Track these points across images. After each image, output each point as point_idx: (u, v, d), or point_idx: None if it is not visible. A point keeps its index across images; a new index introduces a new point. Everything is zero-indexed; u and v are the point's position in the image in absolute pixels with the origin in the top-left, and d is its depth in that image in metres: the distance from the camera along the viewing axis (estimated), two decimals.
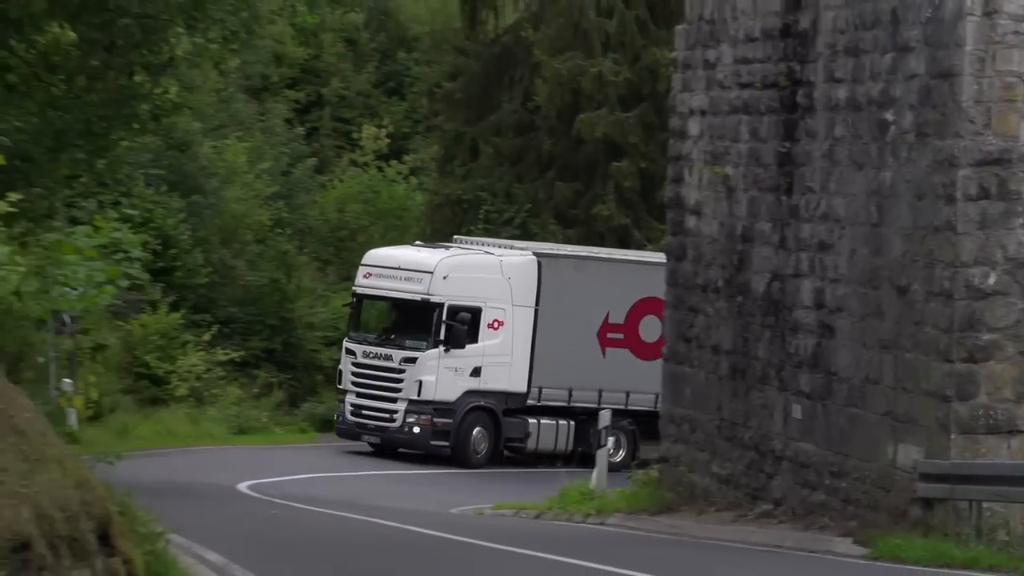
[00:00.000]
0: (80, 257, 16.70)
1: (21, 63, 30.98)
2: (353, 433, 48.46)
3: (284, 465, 44.50)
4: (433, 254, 48.69)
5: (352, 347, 48.14)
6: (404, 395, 46.59)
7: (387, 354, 47.26)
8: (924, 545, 22.89)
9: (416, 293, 46.79)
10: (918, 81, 24.50)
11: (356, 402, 47.55)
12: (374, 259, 49.13)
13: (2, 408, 13.58)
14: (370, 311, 50.16)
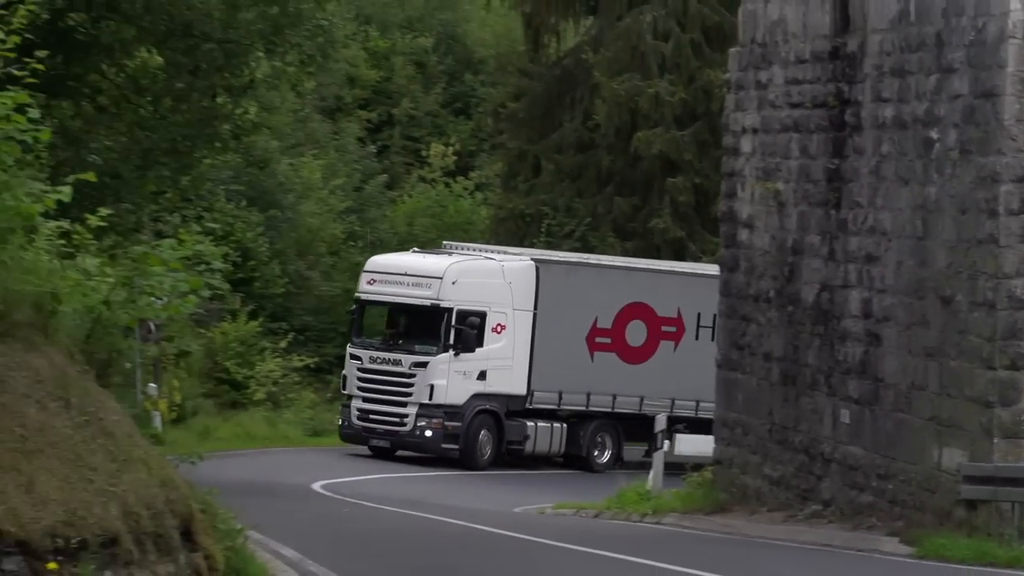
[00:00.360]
0: (165, 268, 16.74)
1: (111, 86, 31.21)
2: (360, 437, 46.96)
3: (355, 466, 44.40)
4: (440, 260, 47.59)
5: (357, 352, 46.60)
6: (415, 399, 45.12)
7: (396, 359, 45.77)
8: (968, 545, 22.79)
9: (425, 298, 45.44)
10: (962, 101, 24.41)
11: (363, 407, 46.02)
12: (378, 265, 47.60)
13: (92, 411, 13.64)
14: (373, 317, 48.60)
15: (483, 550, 23.32)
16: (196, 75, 31.62)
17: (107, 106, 31.44)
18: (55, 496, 12.28)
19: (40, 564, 11.95)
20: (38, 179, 14.79)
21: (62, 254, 15.53)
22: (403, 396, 45.20)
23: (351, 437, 47.25)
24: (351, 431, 46.72)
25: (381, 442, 46.26)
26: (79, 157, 26.04)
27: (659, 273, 49.60)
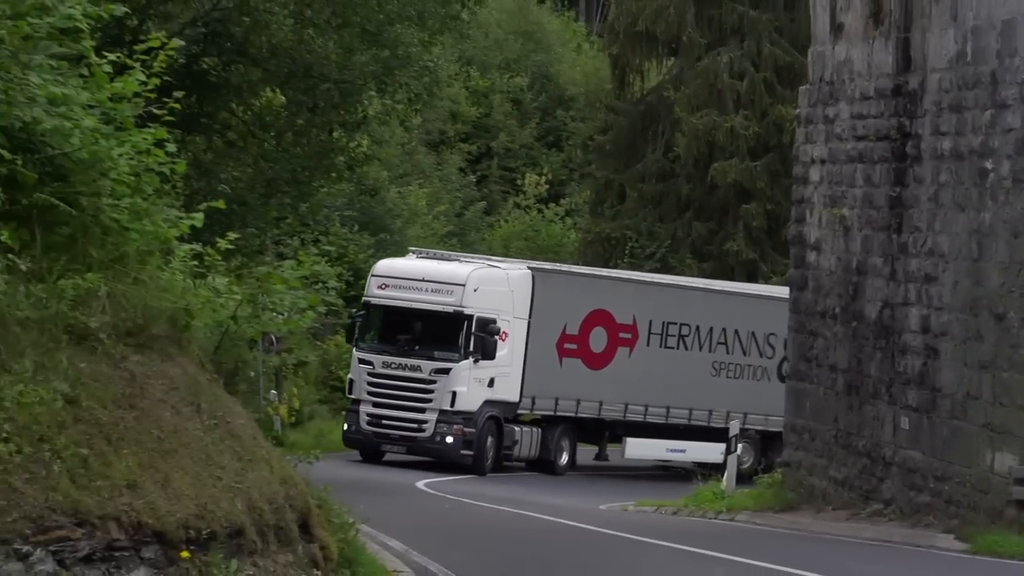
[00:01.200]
0: (286, 287, 16.85)
1: (239, 123, 31.48)
2: (370, 443, 42.88)
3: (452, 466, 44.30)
4: (459, 266, 43.81)
5: (368, 357, 42.25)
6: (435, 405, 41.42)
7: (415, 364, 41.71)
8: (1019, 542, 22.68)
9: (447, 305, 41.64)
10: (1014, 134, 24.30)
11: (374, 412, 41.79)
12: (389, 271, 43.29)
13: (220, 415, 13.73)
14: (381, 322, 43.22)
15: (573, 544, 23.33)
16: (315, 112, 31.84)
17: (235, 141, 31.70)
18: (187, 492, 12.35)
19: (174, 553, 12.02)
20: (174, 207, 14.91)
21: (195, 274, 15.64)
22: (422, 402, 41.70)
23: (357, 442, 43.54)
24: (358, 436, 42.98)
25: (396, 448, 42.62)
26: (210, 187, 26.27)
27: (617, 281, 48.00)
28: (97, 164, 13.18)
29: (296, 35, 30.17)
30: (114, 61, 14.12)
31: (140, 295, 13.47)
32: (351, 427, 42.36)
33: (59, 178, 12.98)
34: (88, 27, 13.52)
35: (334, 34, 30.23)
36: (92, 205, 13.29)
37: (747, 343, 47.28)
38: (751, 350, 47.35)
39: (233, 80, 30.58)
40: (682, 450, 45.78)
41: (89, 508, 11.54)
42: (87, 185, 13.20)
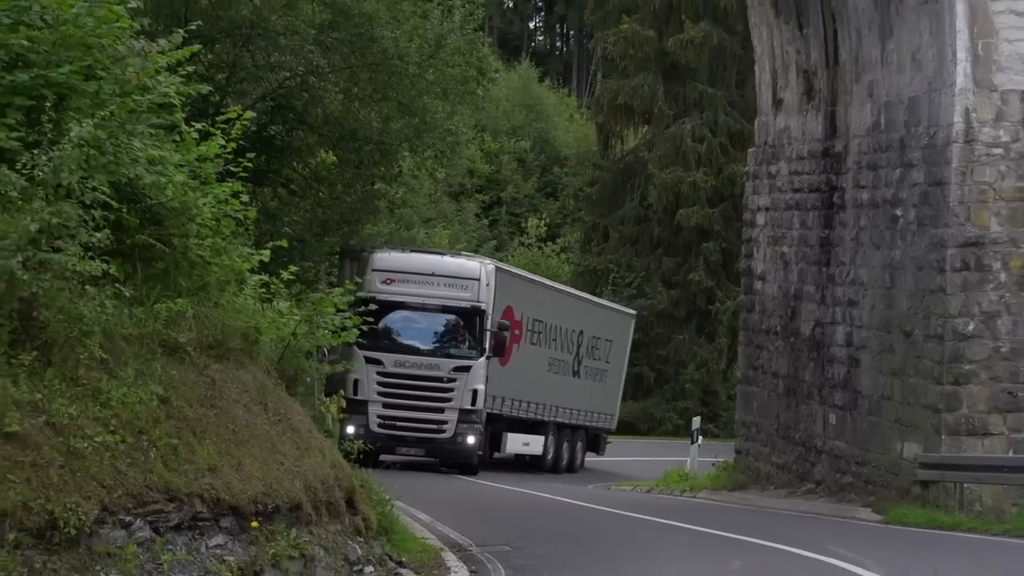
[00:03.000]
0: (335, 309, 16.94)
1: (299, 177, 31.61)
2: (383, 445, 31.94)
3: None
4: (468, 260, 35.53)
5: (375, 356, 32.28)
6: (454, 404, 32.59)
7: (432, 363, 32.66)
8: (922, 514, 22.67)
9: (464, 300, 32.79)
10: (919, 188, 24.34)
11: (386, 413, 32.48)
12: (395, 264, 33.06)
13: (282, 413, 13.77)
14: (389, 318, 32.92)
15: (566, 516, 23.35)
16: (359, 168, 31.97)
17: (296, 191, 31.82)
18: (256, 474, 12.39)
19: (246, 523, 12.06)
20: (247, 245, 14.97)
21: (263, 299, 15.72)
22: (441, 401, 32.68)
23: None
24: (366, 439, 31.79)
25: (413, 450, 33.19)
26: (275, 229, 26.38)
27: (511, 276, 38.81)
28: (186, 211, 13.25)
29: (345, 107, 30.32)
30: (200, 129, 14.22)
31: (219, 316, 13.54)
32: (358, 430, 30.96)
33: (156, 223, 13.05)
34: (179, 102, 13.60)
35: (375, 106, 30.36)
36: (182, 244, 13.36)
37: (585, 345, 40.77)
38: (587, 352, 40.82)
39: (294, 143, 30.73)
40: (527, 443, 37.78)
41: (178, 487, 11.58)
42: (178, 228, 13.27)
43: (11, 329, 11.35)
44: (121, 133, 12.45)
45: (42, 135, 11.86)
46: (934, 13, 23.63)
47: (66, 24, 12.50)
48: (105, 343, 11.85)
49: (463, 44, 31.62)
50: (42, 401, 11.09)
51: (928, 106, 24.13)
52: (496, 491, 28.49)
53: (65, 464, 10.90)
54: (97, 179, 11.91)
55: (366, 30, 28.47)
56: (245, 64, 28.23)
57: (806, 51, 28.58)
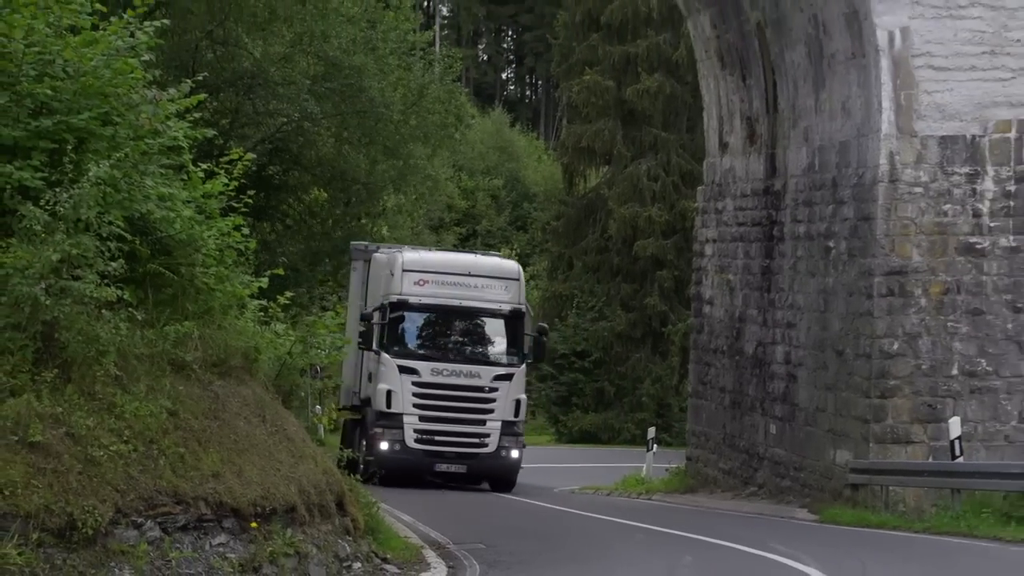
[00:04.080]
0: (327, 331, 16.93)
1: (295, 212, 31.56)
2: (420, 462, 26.75)
3: None
4: (504, 260, 30.70)
5: (411, 364, 26.40)
6: (497, 416, 26.77)
7: (472, 371, 26.66)
8: (853, 514, 22.69)
9: (503, 302, 27.06)
10: (849, 222, 24.38)
11: (424, 427, 26.43)
12: (427, 264, 27.41)
13: (279, 424, 13.75)
14: (423, 323, 27.47)
15: (535, 516, 23.22)
16: (348, 205, 31.98)
17: (291, 226, 31.78)
18: (255, 479, 12.37)
19: (246, 523, 12.03)
20: (247, 274, 14.98)
21: (261, 322, 15.68)
22: (482, 413, 26.78)
23: (401, 463, 26.46)
24: (404, 456, 26.59)
25: (454, 467, 27.20)
26: (273, 259, 26.27)
27: None
28: (193, 243, 13.26)
29: (336, 150, 30.34)
30: (205, 169, 14.24)
31: (222, 337, 13.54)
32: (393, 446, 26.38)
33: (165, 253, 13.05)
34: (187, 145, 13.64)
35: (363, 149, 30.37)
36: (189, 272, 13.36)
37: None
38: None
39: (290, 182, 30.73)
40: None
41: (185, 491, 11.57)
42: (185, 258, 13.28)
43: (35, 349, 11.36)
44: (134, 173, 12.48)
45: (63, 175, 11.90)
46: (862, 67, 23.77)
47: (86, 75, 12.54)
48: (119, 361, 11.85)
49: (442, 94, 31.71)
50: (63, 414, 11.09)
51: (857, 150, 24.19)
52: (470, 494, 28.41)
53: (83, 471, 10.89)
54: (113, 214, 11.94)
55: (355, 81, 28.52)
56: (246, 111, 28.25)
57: (749, 100, 28.68)
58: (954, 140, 23.34)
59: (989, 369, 23.24)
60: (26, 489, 10.40)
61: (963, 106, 23.29)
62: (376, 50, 29.54)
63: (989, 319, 23.30)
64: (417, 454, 26.44)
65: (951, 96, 23.27)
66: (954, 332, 23.25)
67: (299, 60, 28.02)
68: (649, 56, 51.88)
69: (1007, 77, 23.26)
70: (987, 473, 21.67)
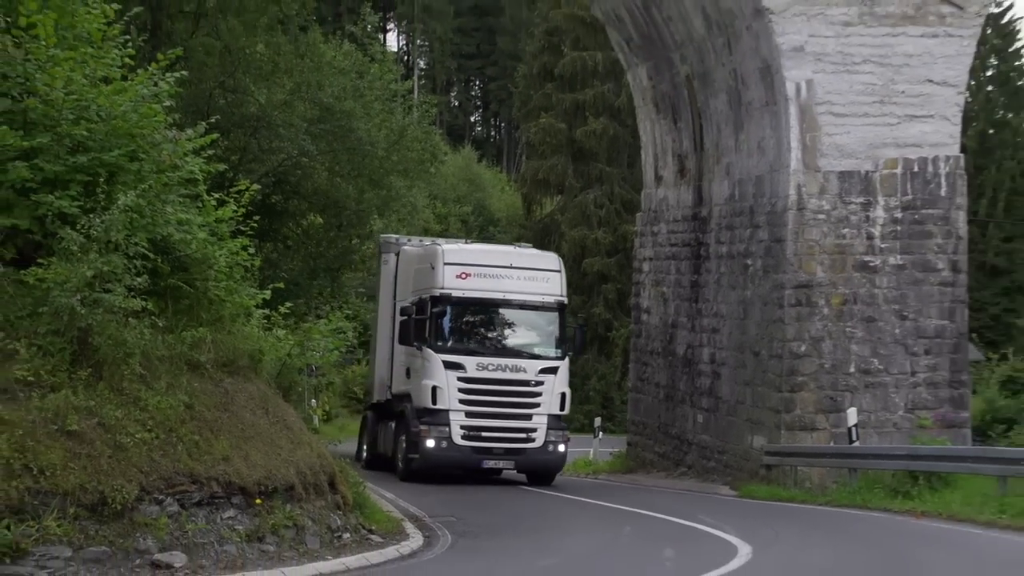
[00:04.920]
0: (322, 336, 16.93)
1: (294, 235, 31.45)
2: (467, 459, 22.77)
3: None
4: (545, 253, 25.68)
5: (456, 360, 22.47)
6: (543, 410, 23.01)
7: (518, 365, 22.77)
8: (767, 490, 22.74)
9: (548, 295, 23.41)
10: (763, 243, 24.50)
11: (471, 424, 22.52)
12: (468, 257, 23.54)
13: (280, 415, 13.74)
14: (466, 317, 23.31)
15: (497, 493, 22.92)
16: (340, 229, 31.88)
17: (290, 245, 31.68)
18: (260, 462, 12.36)
19: (252, 500, 12.02)
20: (253, 287, 14.98)
21: (264, 328, 15.68)
22: (529, 408, 22.97)
23: (447, 462, 22.86)
24: (452, 454, 22.66)
25: (502, 462, 23.22)
26: (275, 274, 26.18)
27: None
28: (206, 261, 13.25)
29: (329, 181, 30.24)
30: (217, 198, 14.24)
31: (231, 341, 13.53)
32: (440, 443, 22.51)
33: (183, 269, 13.04)
34: (202, 178, 13.64)
35: (352, 181, 30.30)
36: (203, 286, 13.35)
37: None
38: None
39: (290, 209, 30.61)
40: None
41: (199, 472, 11.55)
42: (200, 274, 13.26)
43: (71, 351, 11.35)
44: (157, 201, 12.48)
45: (96, 203, 11.88)
46: (774, 113, 23.94)
47: (116, 118, 12.54)
48: (143, 362, 11.83)
49: (420, 134, 31.69)
50: (95, 407, 11.07)
51: (770, 182, 24.33)
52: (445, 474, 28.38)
53: (112, 455, 10.87)
54: (138, 236, 11.93)
55: (345, 123, 28.50)
56: (252, 149, 28.16)
57: (679, 140, 28.80)
58: (851, 175, 23.53)
59: (880, 367, 23.40)
60: (64, 471, 10.38)
61: (858, 146, 23.49)
62: (363, 97, 29.52)
63: (880, 325, 23.47)
64: (464, 451, 22.56)
65: (848, 138, 23.47)
66: (851, 336, 23.41)
67: (297, 105, 27.97)
68: (595, 103, 52.07)
69: (894, 122, 23.49)
70: (878, 455, 21.83)
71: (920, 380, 23.40)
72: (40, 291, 11.35)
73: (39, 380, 10.95)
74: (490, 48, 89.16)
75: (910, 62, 23.39)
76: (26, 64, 12.23)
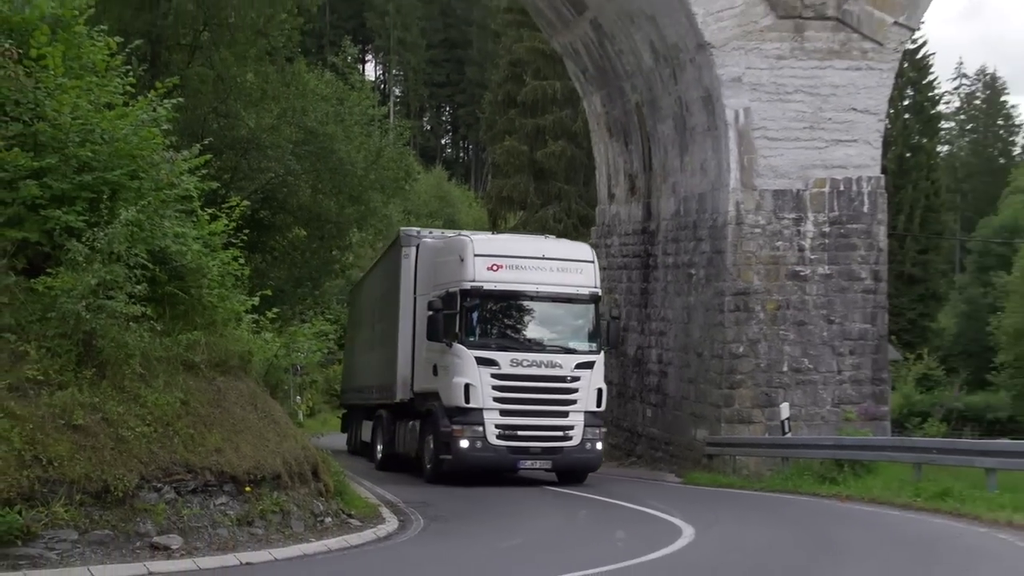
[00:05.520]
0: (306, 338, 16.92)
1: (280, 247, 31.32)
2: (503, 459, 19.70)
3: None
4: (578, 243, 22.36)
5: (489, 356, 19.44)
6: (580, 407, 20.11)
7: (553, 361, 19.84)
8: (709, 477, 22.75)
9: (582, 287, 20.32)
10: (706, 255, 24.57)
11: (504, 422, 19.53)
12: (499, 248, 20.42)
13: (268, 411, 13.72)
14: (498, 311, 20.08)
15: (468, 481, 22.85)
16: (322, 240, 31.74)
17: (277, 256, 31.53)
18: (249, 454, 12.34)
19: (242, 487, 12.02)
20: (243, 294, 14.94)
21: (253, 331, 15.65)
22: (565, 404, 20.03)
23: (481, 462, 19.76)
24: (487, 454, 19.64)
25: (539, 463, 20.17)
26: (262, 283, 26.05)
27: None
28: (200, 270, 13.22)
29: (312, 198, 30.13)
30: (211, 213, 14.22)
31: (223, 343, 13.50)
32: (474, 443, 19.48)
33: (179, 278, 13.02)
34: (196, 195, 13.62)
35: (334, 197, 30.21)
36: (197, 293, 13.32)
37: (377, 311, 25.56)
38: (378, 318, 25.30)
39: (277, 223, 30.45)
40: None
41: (194, 463, 11.53)
42: (194, 282, 13.24)
43: (77, 353, 11.32)
44: (155, 216, 12.46)
45: (100, 218, 11.87)
46: (715, 137, 24.08)
47: (118, 141, 12.52)
48: (143, 362, 11.80)
49: (395, 155, 31.65)
50: (99, 403, 11.04)
51: (712, 200, 24.43)
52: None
53: (115, 447, 10.84)
54: (138, 248, 11.92)
55: (327, 145, 28.45)
56: (243, 168, 28.06)
57: (630, 161, 28.90)
58: (784, 193, 23.70)
59: (810, 367, 23.54)
60: (70, 461, 10.34)
61: (790, 168, 23.67)
62: (344, 121, 29.47)
63: (810, 328, 23.63)
64: (500, 451, 19.39)
65: (781, 160, 23.65)
66: (784, 338, 23.56)
67: (284, 129, 27.89)
68: (555, 127, 52.20)
69: (822, 146, 23.71)
70: (808, 445, 21.93)
71: (845, 378, 23.59)
72: (49, 298, 11.31)
73: (48, 379, 10.92)
74: (459, 77, 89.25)
75: (836, 92, 23.63)
76: (36, 92, 12.19)
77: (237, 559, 10.78)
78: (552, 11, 29.43)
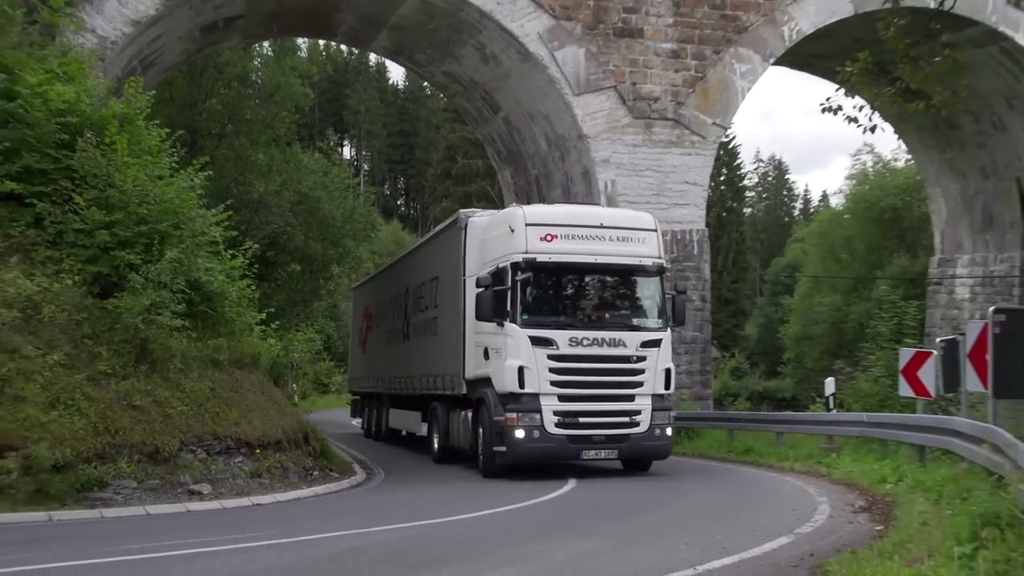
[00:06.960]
0: (300, 343, 16.92)
1: (282, 278, 31.05)
2: (564, 450, 11.91)
3: None
4: (636, 212, 13.59)
5: (545, 335, 11.56)
6: (647, 390, 12.18)
7: (617, 339, 11.84)
8: None
9: (644, 257, 12.44)
10: None
11: (563, 408, 11.82)
12: (553, 217, 12.18)
13: (272, 396, 13.69)
14: (553, 285, 12.01)
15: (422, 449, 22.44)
16: (311, 273, 31.42)
17: (279, 285, 31.15)
18: (259, 426, 12.34)
19: (253, 450, 12.02)
20: (254, 312, 14.93)
21: (261, 338, 15.65)
22: (631, 387, 12.27)
23: (539, 453, 12.05)
24: (546, 444, 11.97)
25: (604, 453, 12.33)
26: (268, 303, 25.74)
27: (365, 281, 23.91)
28: (224, 294, 13.25)
29: (304, 243, 29.97)
30: (231, 253, 14.23)
31: (240, 347, 13.53)
32: (531, 432, 12.09)
33: (208, 300, 13.02)
34: (221, 240, 13.67)
35: (319, 242, 30.04)
36: (221, 311, 13.34)
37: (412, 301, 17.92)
38: (413, 308, 17.68)
39: (279, 261, 30.13)
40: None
41: (219, 432, 11.57)
42: (219, 303, 13.26)
43: (135, 354, 11.36)
44: (192, 256, 12.51)
45: (152, 257, 11.91)
46: (591, 202, 24.38)
47: (166, 202, 12.57)
48: (182, 360, 11.85)
49: (364, 212, 31.70)
50: (151, 389, 11.08)
51: None
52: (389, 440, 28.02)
53: (163, 420, 10.88)
54: (179, 278, 11.97)
55: (315, 205, 28.48)
56: (255, 221, 27.80)
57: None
58: None
59: None
60: (131, 431, 10.37)
61: None
62: (327, 188, 29.51)
63: None
64: (560, 441, 12.48)
65: None
66: None
67: (284, 193, 27.82)
68: (479, 193, 52.69)
69: (666, 207, 24.11)
70: None
71: (682, 370, 23.90)
72: (115, 314, 11.34)
73: (115, 372, 10.95)
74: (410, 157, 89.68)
75: (675, 170, 24.23)
76: (108, 167, 12.24)
77: (251, 501, 10.80)
78: (476, 111, 29.71)
